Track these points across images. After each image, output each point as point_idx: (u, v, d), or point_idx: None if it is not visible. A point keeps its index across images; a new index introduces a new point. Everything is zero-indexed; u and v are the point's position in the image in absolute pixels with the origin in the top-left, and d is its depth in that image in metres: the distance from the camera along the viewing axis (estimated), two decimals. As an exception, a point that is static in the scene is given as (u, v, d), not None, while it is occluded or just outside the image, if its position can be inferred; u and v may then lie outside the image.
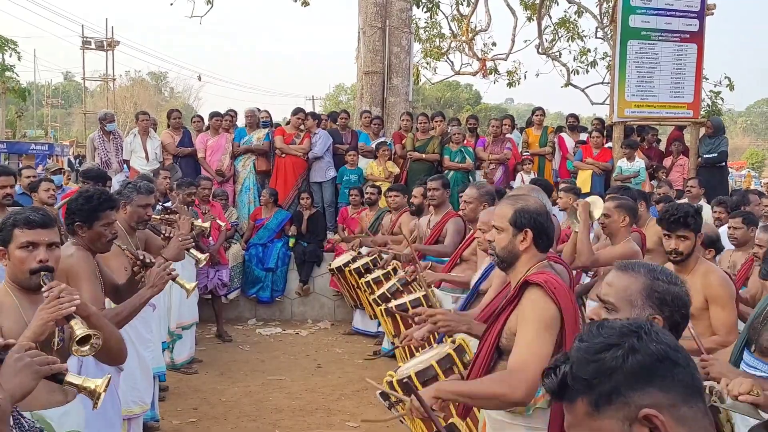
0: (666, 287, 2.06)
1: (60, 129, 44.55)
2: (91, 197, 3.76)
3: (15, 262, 2.76)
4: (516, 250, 2.88)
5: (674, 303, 2.05)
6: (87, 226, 3.72)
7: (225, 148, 10.38)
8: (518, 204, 2.92)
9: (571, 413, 1.31)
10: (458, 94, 55.00)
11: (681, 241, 4.07)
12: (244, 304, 9.91)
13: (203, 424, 5.99)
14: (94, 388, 1.81)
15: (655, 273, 2.10)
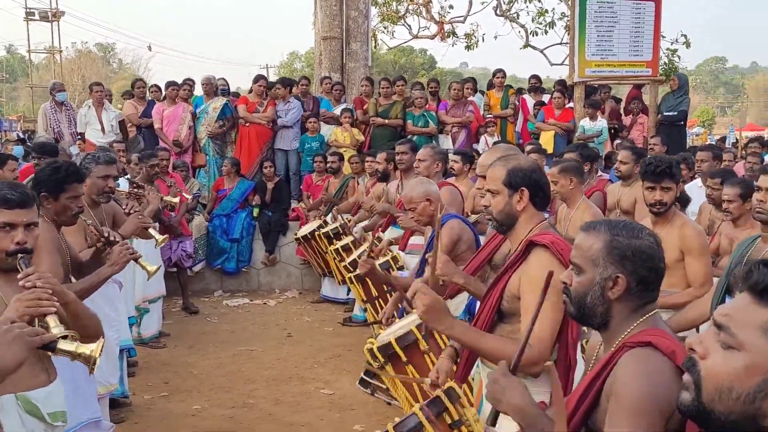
0: (626, 242, 1.99)
1: (6, 104, 43.20)
2: (58, 168, 3.63)
3: None
4: (513, 211, 2.82)
5: (636, 257, 1.97)
6: (53, 197, 3.60)
7: (182, 117, 10.13)
8: (510, 164, 2.84)
9: None
10: (413, 60, 54.72)
11: (665, 192, 4.09)
12: (209, 276, 9.77)
13: (176, 398, 5.91)
14: (89, 353, 1.74)
15: (615, 229, 2.03)
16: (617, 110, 11.70)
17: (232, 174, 9.65)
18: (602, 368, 1.95)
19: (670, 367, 1.83)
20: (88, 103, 10.04)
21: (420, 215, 4.50)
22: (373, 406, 5.64)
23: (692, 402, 1.51)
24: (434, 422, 2.59)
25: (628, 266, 1.98)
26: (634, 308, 2.01)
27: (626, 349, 1.91)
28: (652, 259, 1.99)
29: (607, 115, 10.86)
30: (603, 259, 2.00)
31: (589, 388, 1.96)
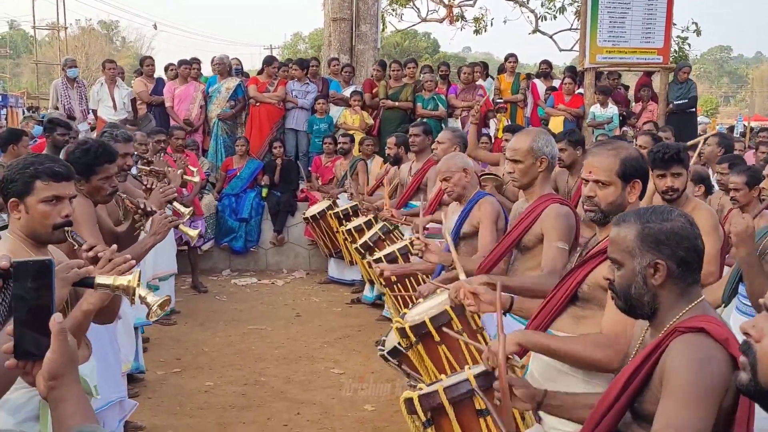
0: (658, 227, 1.99)
1: (9, 80, 43.08)
2: (88, 150, 3.59)
3: (36, 216, 2.59)
4: (625, 203, 2.71)
5: (671, 240, 1.97)
6: (84, 179, 3.56)
7: (193, 96, 10.14)
8: (622, 153, 2.73)
9: None
10: (417, 43, 54.52)
11: (676, 178, 4.11)
12: (218, 254, 9.81)
13: (188, 374, 5.96)
14: (127, 284, 1.75)
15: (645, 216, 2.04)
16: (626, 97, 11.69)
17: (242, 153, 9.67)
18: (651, 352, 1.96)
19: (722, 354, 1.85)
20: (101, 80, 10.04)
21: (455, 185, 4.51)
22: (383, 386, 5.69)
23: (749, 382, 1.56)
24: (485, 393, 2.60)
25: (665, 250, 1.99)
26: (680, 292, 2.01)
27: (677, 334, 1.92)
28: (688, 239, 2.00)
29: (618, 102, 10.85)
30: (638, 248, 2.01)
31: (637, 371, 1.97)
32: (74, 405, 1.41)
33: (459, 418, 2.85)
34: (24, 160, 2.65)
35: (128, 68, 13.88)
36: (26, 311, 1.44)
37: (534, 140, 3.54)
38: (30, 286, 1.44)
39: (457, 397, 2.82)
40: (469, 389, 2.76)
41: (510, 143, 3.70)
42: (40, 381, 1.42)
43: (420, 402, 2.89)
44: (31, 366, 1.45)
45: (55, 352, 1.41)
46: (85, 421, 1.39)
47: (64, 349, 1.42)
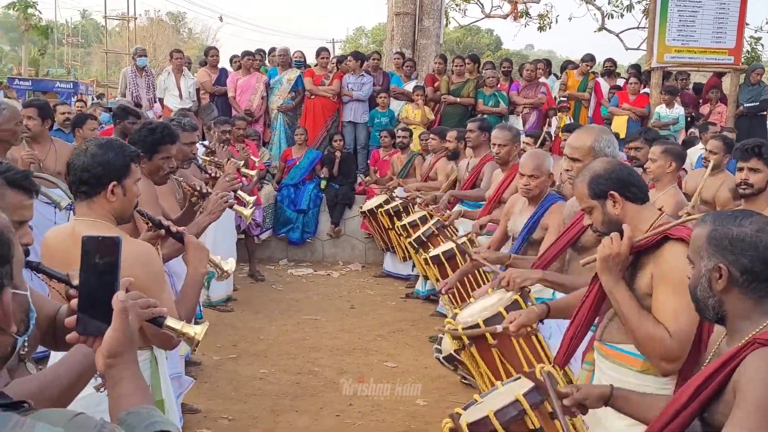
0: (725, 231, 1.92)
1: (80, 68, 44.32)
2: (154, 130, 3.75)
3: (130, 198, 2.66)
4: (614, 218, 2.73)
5: (735, 246, 1.89)
6: (147, 157, 3.70)
7: (255, 87, 10.28)
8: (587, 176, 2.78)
9: None
10: (479, 39, 54.13)
11: (752, 173, 3.98)
12: (275, 244, 9.94)
13: (244, 361, 6.05)
14: (193, 335, 1.77)
15: (719, 219, 1.97)
16: (695, 98, 11.40)
17: (301, 143, 9.77)
18: (727, 361, 1.88)
19: None
20: (168, 70, 10.26)
21: (536, 187, 4.39)
22: (435, 381, 5.69)
23: None
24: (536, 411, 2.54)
25: (728, 256, 1.91)
26: (754, 302, 1.92)
27: (756, 346, 1.83)
28: (755, 247, 1.89)
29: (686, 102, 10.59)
30: (706, 250, 1.96)
31: (710, 379, 1.90)
32: (132, 385, 1.41)
33: None
34: (115, 143, 2.68)
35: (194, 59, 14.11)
36: (91, 287, 1.46)
37: (596, 140, 3.46)
38: (97, 261, 1.46)
39: (509, 421, 2.70)
40: (520, 410, 2.66)
41: (570, 140, 3.61)
42: (99, 358, 1.43)
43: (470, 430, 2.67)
44: (91, 341, 1.47)
45: (116, 330, 1.42)
46: (142, 402, 1.40)
47: (125, 328, 1.43)
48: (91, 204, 2.62)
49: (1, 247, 1.19)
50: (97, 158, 2.57)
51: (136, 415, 1.35)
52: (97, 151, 2.59)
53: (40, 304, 2.03)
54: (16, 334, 1.26)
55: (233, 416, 4.93)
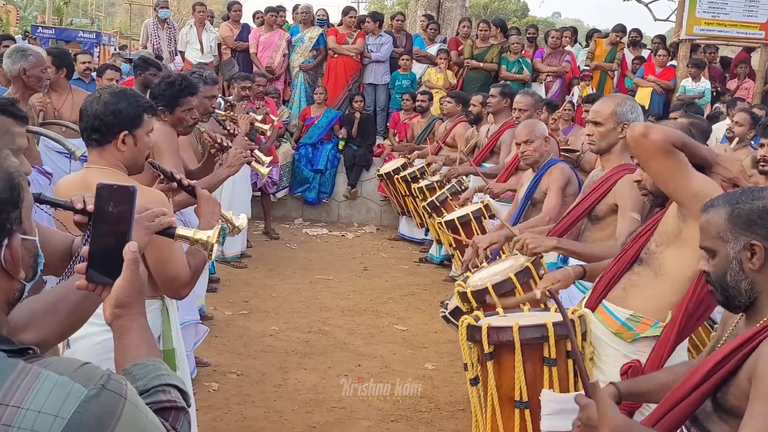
0: (748, 206, 1.85)
1: (103, 19, 44.17)
2: (173, 83, 3.77)
3: (141, 148, 2.67)
4: None
5: (764, 218, 1.82)
6: (169, 110, 3.74)
7: (277, 44, 10.19)
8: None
9: None
10: (505, 5, 53.37)
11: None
12: (291, 203, 9.95)
13: (255, 317, 6.09)
14: (206, 239, 1.77)
15: (734, 198, 1.90)
16: (722, 73, 11.18)
17: (320, 103, 9.71)
18: (743, 344, 1.82)
19: None
20: (190, 23, 10.21)
21: (534, 151, 4.52)
22: (444, 345, 5.71)
23: None
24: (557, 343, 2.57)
25: (760, 231, 1.83)
26: None
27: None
28: None
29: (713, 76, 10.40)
30: (730, 232, 1.87)
31: (724, 361, 1.85)
32: (138, 336, 1.41)
33: (525, 361, 2.75)
34: (128, 92, 2.67)
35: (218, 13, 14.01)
36: (103, 235, 1.45)
37: (619, 104, 3.43)
38: (111, 210, 1.45)
39: (529, 340, 2.73)
40: (544, 335, 2.69)
41: (594, 105, 3.59)
42: (107, 307, 1.42)
43: (488, 333, 2.78)
44: (100, 290, 1.46)
45: (126, 280, 1.42)
46: (148, 354, 1.39)
47: (134, 278, 1.42)
48: (102, 152, 2.62)
49: (11, 191, 1.18)
50: (109, 106, 2.58)
51: (143, 366, 1.35)
52: (110, 99, 2.59)
53: (50, 238, 2.04)
54: (24, 280, 1.26)
55: (242, 371, 4.97)
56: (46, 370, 1.11)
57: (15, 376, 1.09)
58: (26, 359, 1.14)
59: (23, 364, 1.12)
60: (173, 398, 1.33)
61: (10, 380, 1.09)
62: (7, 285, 1.22)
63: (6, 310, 1.25)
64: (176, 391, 1.35)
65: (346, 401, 4.64)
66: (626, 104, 3.44)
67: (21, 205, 1.21)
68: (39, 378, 1.09)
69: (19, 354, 1.15)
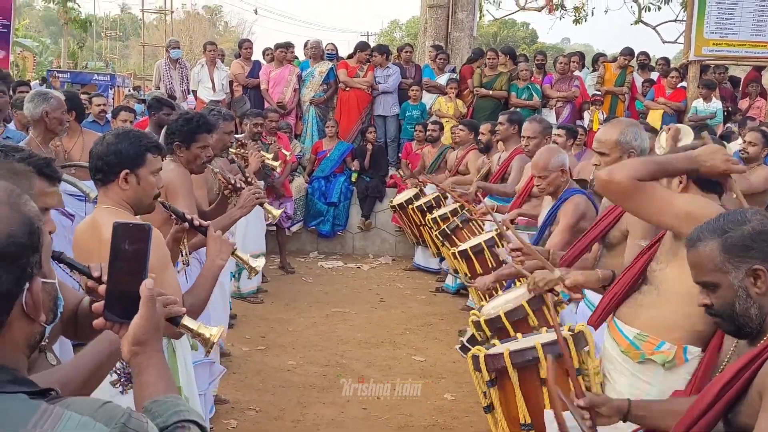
0: (739, 232, 1.85)
1: (118, 61, 44.86)
2: (190, 119, 3.86)
3: (146, 187, 2.72)
4: None
5: (758, 241, 1.83)
6: (185, 146, 3.81)
7: (288, 80, 10.30)
8: None
9: None
10: (514, 33, 53.72)
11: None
12: (305, 236, 9.97)
13: (272, 352, 6.08)
14: (208, 336, 1.77)
15: (717, 227, 1.90)
16: (732, 93, 11.17)
17: (332, 136, 9.78)
18: (749, 363, 1.82)
19: None
20: (201, 62, 10.36)
21: (548, 185, 4.48)
22: (463, 375, 5.66)
23: None
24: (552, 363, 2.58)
25: (757, 254, 1.84)
26: None
27: None
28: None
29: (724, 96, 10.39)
30: (729, 262, 1.87)
31: (734, 380, 1.84)
32: (156, 374, 1.42)
33: (522, 384, 2.84)
34: (131, 133, 2.75)
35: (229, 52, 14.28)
36: (120, 273, 1.47)
37: (622, 132, 3.39)
38: (126, 248, 1.46)
39: (521, 363, 2.81)
40: (534, 356, 2.76)
41: (597, 134, 3.58)
42: (125, 345, 1.43)
43: (485, 361, 2.89)
44: (117, 328, 1.47)
45: (143, 317, 1.43)
46: (166, 391, 1.40)
47: (151, 316, 1.44)
48: (107, 191, 2.70)
49: (32, 236, 1.20)
50: (110, 147, 2.66)
51: (161, 403, 1.36)
52: (112, 140, 2.67)
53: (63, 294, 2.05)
54: (45, 322, 1.27)
55: (261, 407, 4.95)
56: (68, 411, 1.12)
57: (38, 418, 1.10)
58: (48, 400, 1.16)
59: (45, 405, 1.13)
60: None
61: (33, 422, 1.10)
62: (29, 328, 1.23)
63: (27, 353, 1.26)
64: (196, 426, 1.36)
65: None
66: (629, 132, 3.39)
67: (41, 249, 1.23)
68: (62, 419, 1.11)
69: (40, 395, 1.17)
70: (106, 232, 2.64)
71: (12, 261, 1.15)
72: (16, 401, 1.13)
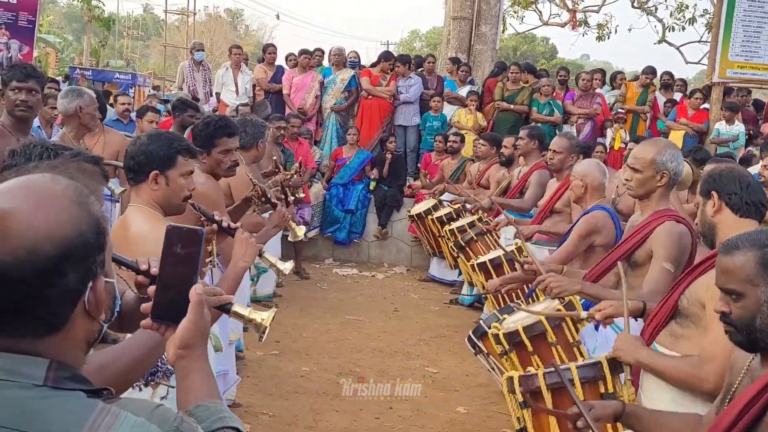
0: None
1: (138, 60, 45.16)
2: (208, 123, 3.82)
3: (175, 189, 2.77)
4: (708, 219, 2.73)
5: None
6: (206, 152, 3.77)
7: (310, 86, 10.34)
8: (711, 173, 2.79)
9: None
10: (534, 47, 53.72)
11: None
12: (321, 243, 9.98)
13: (286, 357, 6.08)
14: (260, 321, 1.77)
15: (759, 240, 1.90)
16: (755, 116, 11.11)
17: (353, 143, 9.80)
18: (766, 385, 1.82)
19: None
20: (226, 65, 10.41)
21: (571, 190, 4.61)
22: (476, 389, 5.65)
23: None
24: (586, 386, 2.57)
25: None
26: None
27: None
28: None
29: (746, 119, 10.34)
30: (761, 276, 1.87)
31: (751, 403, 1.84)
32: (200, 378, 1.42)
33: (555, 406, 2.80)
34: (163, 135, 2.79)
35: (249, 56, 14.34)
36: (170, 276, 1.47)
37: (659, 152, 3.35)
38: (178, 252, 1.47)
39: (556, 384, 2.79)
40: (569, 378, 2.73)
41: (633, 150, 3.56)
42: (170, 347, 1.44)
43: (520, 382, 2.89)
44: (164, 330, 1.48)
45: (191, 321, 1.43)
46: (210, 396, 1.40)
47: (199, 320, 1.44)
48: (138, 191, 2.77)
49: (99, 236, 1.21)
50: (142, 147, 2.73)
51: (205, 408, 1.37)
52: (144, 141, 2.75)
53: None
54: (103, 321, 1.29)
55: (274, 412, 4.95)
56: (124, 411, 1.14)
57: (95, 416, 1.12)
58: (104, 399, 1.17)
59: (102, 404, 1.15)
60: None
61: (91, 420, 1.11)
62: (89, 326, 1.25)
63: (85, 351, 1.27)
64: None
65: (378, 445, 4.60)
66: (667, 152, 3.36)
67: (105, 248, 1.24)
68: (118, 418, 1.13)
69: (96, 394, 1.18)
70: (133, 227, 2.67)
71: (80, 260, 1.17)
72: (74, 399, 1.15)
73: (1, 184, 1.18)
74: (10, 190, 1.16)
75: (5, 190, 1.17)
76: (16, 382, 1.13)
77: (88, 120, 5.28)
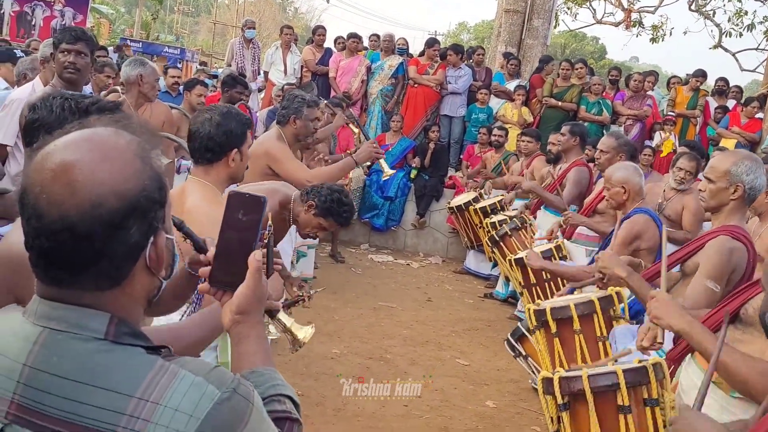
0: None
1: (187, 36, 45.62)
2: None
3: (245, 161, 2.86)
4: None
5: None
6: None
7: (357, 70, 10.31)
8: None
9: None
10: (583, 46, 53.05)
11: None
12: (358, 228, 9.97)
13: (317, 339, 6.07)
14: (300, 338, 1.76)
15: None
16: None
17: (396, 130, 9.76)
18: None
19: None
20: (276, 44, 10.42)
21: (611, 198, 4.49)
22: (507, 384, 5.60)
23: None
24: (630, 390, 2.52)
25: None
26: None
27: None
28: None
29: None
30: None
31: None
32: (256, 345, 1.41)
33: (598, 410, 2.76)
34: (232, 112, 2.84)
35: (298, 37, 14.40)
36: (231, 242, 1.47)
37: (735, 163, 3.16)
38: (240, 218, 1.46)
39: (600, 388, 2.72)
40: (614, 382, 2.67)
41: (711, 160, 3.39)
42: (227, 313, 1.43)
43: (560, 384, 2.82)
44: (221, 295, 1.47)
45: (249, 287, 1.42)
46: (264, 364, 1.40)
47: (257, 287, 1.43)
48: (209, 169, 2.78)
49: (160, 191, 1.20)
50: (221, 127, 2.75)
51: (259, 375, 1.36)
52: (222, 121, 2.76)
53: None
54: (163, 278, 1.28)
55: (303, 392, 4.95)
56: (183, 369, 1.13)
57: (155, 373, 1.12)
58: (163, 357, 1.17)
59: (162, 361, 1.15)
60: (288, 409, 1.34)
61: (149, 377, 1.11)
62: (149, 281, 1.24)
63: (144, 307, 1.27)
64: (290, 402, 1.36)
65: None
66: (743, 164, 3.16)
67: (166, 204, 1.24)
68: (177, 376, 1.12)
69: (155, 351, 1.18)
70: (189, 201, 2.68)
71: (143, 214, 1.16)
72: (135, 354, 1.15)
73: (65, 137, 1.17)
74: (75, 142, 1.15)
75: (69, 142, 1.15)
76: (78, 335, 1.13)
77: (148, 89, 5.38)
